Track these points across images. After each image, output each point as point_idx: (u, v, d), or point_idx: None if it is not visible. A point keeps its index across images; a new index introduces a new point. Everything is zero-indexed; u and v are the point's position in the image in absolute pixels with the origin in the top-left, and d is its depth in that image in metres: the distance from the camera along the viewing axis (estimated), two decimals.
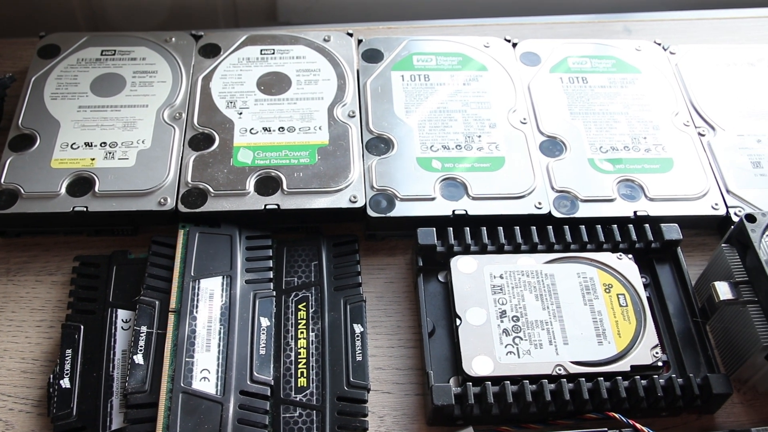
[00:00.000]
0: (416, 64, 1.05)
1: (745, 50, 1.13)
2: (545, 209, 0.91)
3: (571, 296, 0.84)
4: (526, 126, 0.99)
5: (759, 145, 1.00)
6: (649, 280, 0.90)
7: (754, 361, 0.81)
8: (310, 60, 1.05)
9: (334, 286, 0.87)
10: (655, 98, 1.04)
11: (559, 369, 0.80)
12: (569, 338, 0.81)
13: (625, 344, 0.82)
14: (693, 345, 0.85)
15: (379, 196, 0.91)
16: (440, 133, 0.97)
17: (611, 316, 0.83)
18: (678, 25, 1.24)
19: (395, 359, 0.85)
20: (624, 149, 0.98)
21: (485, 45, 1.09)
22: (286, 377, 0.81)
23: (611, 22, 1.23)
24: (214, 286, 0.85)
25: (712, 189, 0.95)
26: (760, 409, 0.84)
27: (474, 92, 1.02)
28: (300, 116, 0.98)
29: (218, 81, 1.01)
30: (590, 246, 0.89)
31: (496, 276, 0.85)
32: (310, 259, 0.90)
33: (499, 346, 0.80)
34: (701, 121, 1.03)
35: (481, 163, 0.95)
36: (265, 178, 0.92)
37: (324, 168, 0.93)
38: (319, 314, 0.85)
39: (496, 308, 0.83)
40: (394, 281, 0.91)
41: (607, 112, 1.02)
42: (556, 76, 1.06)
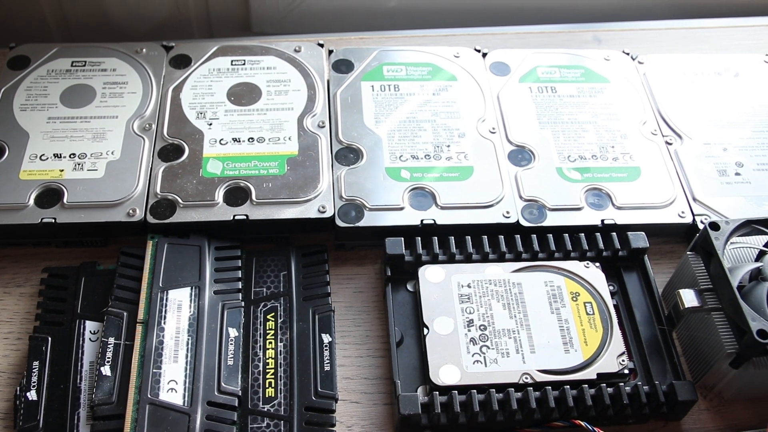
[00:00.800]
0: (386, 75, 1.05)
1: (712, 59, 1.14)
2: (513, 218, 0.92)
3: (538, 305, 0.85)
4: (495, 135, 1.00)
5: (725, 154, 1.01)
6: (616, 288, 0.90)
7: (719, 368, 0.82)
8: (280, 70, 1.05)
9: (302, 296, 0.88)
10: (624, 107, 1.05)
11: (525, 377, 0.80)
12: (536, 347, 0.82)
13: (591, 352, 0.82)
14: (660, 352, 0.85)
15: (348, 206, 0.91)
16: (409, 143, 0.98)
17: (578, 325, 0.84)
18: (648, 35, 1.25)
19: (364, 369, 0.85)
20: (592, 158, 0.98)
21: (455, 55, 1.09)
22: (254, 387, 0.81)
23: (582, 32, 1.24)
24: (183, 297, 0.85)
25: (678, 197, 0.96)
26: (726, 415, 0.85)
27: (443, 102, 1.03)
28: (270, 127, 0.98)
29: (188, 92, 1.02)
30: (558, 254, 0.90)
31: (463, 285, 0.86)
32: (279, 269, 0.90)
33: (467, 355, 0.81)
34: (668, 130, 1.04)
35: (450, 173, 0.95)
36: (234, 188, 0.92)
37: (293, 178, 0.93)
38: (288, 324, 0.85)
39: (463, 317, 0.83)
40: (364, 291, 0.91)
41: (575, 122, 1.03)
42: (526, 85, 1.07)
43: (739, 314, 0.77)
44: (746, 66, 1.13)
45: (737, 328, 0.79)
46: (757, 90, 1.10)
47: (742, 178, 0.99)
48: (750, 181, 0.98)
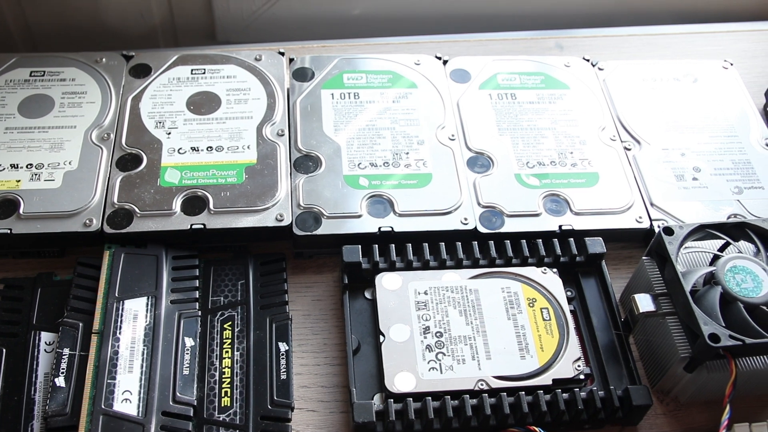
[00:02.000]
0: (346, 83, 1.06)
1: (672, 66, 1.14)
2: (471, 225, 0.92)
3: (494, 311, 0.85)
4: (454, 142, 1.00)
5: (683, 159, 1.02)
6: (574, 293, 0.90)
7: (674, 372, 0.82)
8: (240, 79, 1.05)
9: (260, 305, 0.87)
10: (583, 113, 1.06)
11: (481, 384, 0.80)
12: (492, 353, 0.82)
13: (547, 358, 0.82)
14: (616, 357, 0.86)
15: (306, 214, 0.91)
16: (368, 150, 0.98)
17: (534, 330, 0.84)
18: (610, 42, 1.26)
19: (321, 377, 0.85)
20: (551, 164, 0.99)
21: (416, 62, 1.09)
22: (209, 397, 0.81)
23: (544, 39, 1.25)
24: (139, 307, 0.84)
25: (636, 202, 0.96)
26: (682, 419, 0.85)
27: (403, 109, 1.03)
28: (229, 135, 0.98)
29: (148, 101, 1.01)
30: (515, 261, 0.90)
31: (420, 292, 0.86)
32: (237, 278, 0.90)
33: (422, 362, 0.81)
34: (627, 136, 1.04)
35: (408, 180, 0.95)
36: (192, 197, 0.92)
37: (251, 187, 0.93)
38: (245, 333, 0.85)
39: (419, 324, 0.83)
40: (322, 299, 0.91)
41: (534, 128, 1.03)
42: (486, 92, 1.07)
43: (692, 318, 0.78)
44: (705, 72, 1.14)
45: (690, 332, 0.79)
46: (715, 95, 1.11)
47: (699, 183, 0.99)
48: (707, 185, 0.99)
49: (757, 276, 0.82)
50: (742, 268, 0.82)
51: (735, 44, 1.27)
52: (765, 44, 1.28)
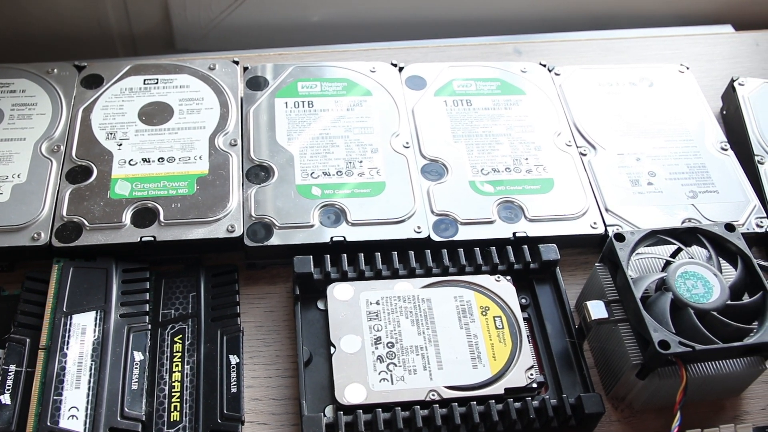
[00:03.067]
0: (300, 91, 1.05)
1: (628, 70, 1.14)
2: (424, 233, 0.91)
3: (447, 320, 0.85)
4: (408, 150, 1.00)
5: (638, 164, 1.01)
6: (529, 300, 0.90)
7: (627, 379, 0.82)
8: (193, 89, 1.04)
9: (211, 317, 0.87)
10: (539, 119, 1.05)
11: (432, 394, 0.79)
12: (444, 363, 0.81)
13: (500, 367, 0.82)
14: (570, 365, 0.85)
15: (257, 225, 0.90)
16: (321, 159, 0.97)
17: (487, 339, 0.83)
18: (568, 47, 1.26)
19: (272, 389, 0.85)
20: (505, 171, 0.98)
21: (371, 70, 1.09)
22: (159, 412, 0.80)
23: (502, 44, 1.25)
24: (87, 321, 0.83)
25: (591, 208, 0.96)
26: (637, 426, 0.85)
27: (357, 117, 1.02)
28: (180, 146, 0.97)
29: (99, 112, 1.00)
30: (469, 269, 0.89)
31: (372, 302, 0.85)
32: (188, 290, 0.89)
33: (373, 373, 0.80)
34: (583, 141, 1.04)
35: (362, 189, 0.94)
36: (142, 209, 0.91)
37: (202, 198, 0.92)
38: (195, 346, 0.84)
39: (371, 335, 0.83)
40: (275, 310, 0.90)
41: (490, 134, 1.03)
42: (441, 99, 1.06)
43: (642, 325, 0.78)
44: (661, 76, 1.14)
45: (642, 339, 0.79)
46: (671, 99, 1.11)
47: (654, 188, 0.99)
48: (662, 190, 0.99)
49: (708, 281, 0.82)
50: (693, 274, 0.82)
51: (692, 48, 1.28)
52: (722, 48, 1.29)
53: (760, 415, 0.87)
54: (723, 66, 1.25)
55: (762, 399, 0.88)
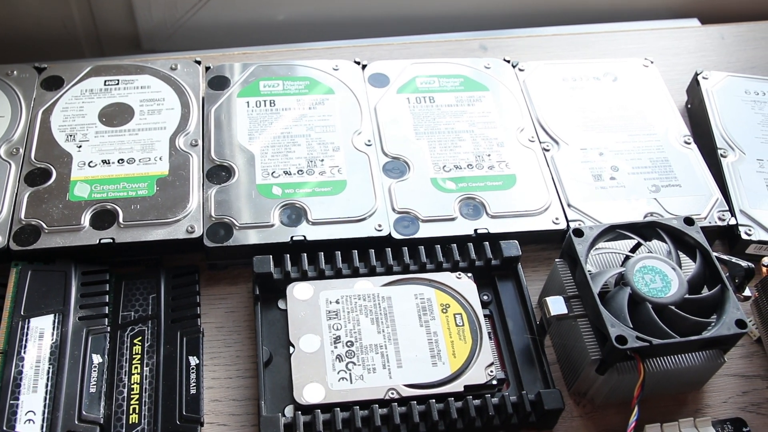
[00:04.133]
0: (262, 90, 1.04)
1: (592, 65, 1.14)
2: (385, 231, 0.91)
3: (407, 318, 0.84)
4: (370, 148, 0.99)
5: (601, 158, 1.01)
6: (491, 297, 0.90)
7: (588, 374, 0.82)
8: (154, 89, 1.03)
9: (171, 319, 0.86)
10: (502, 115, 1.05)
11: (392, 393, 0.79)
12: (403, 361, 0.81)
13: (459, 364, 0.82)
14: (531, 361, 0.85)
15: (217, 225, 0.90)
16: (282, 158, 0.97)
17: (447, 337, 0.83)
18: (534, 42, 1.26)
19: (233, 390, 0.84)
20: (467, 167, 0.98)
21: (334, 68, 1.08)
22: (117, 414, 0.79)
23: (468, 41, 1.24)
24: (45, 325, 0.83)
25: (553, 204, 0.96)
26: (599, 421, 0.85)
27: (319, 116, 1.02)
28: (141, 147, 0.96)
29: (59, 114, 1.00)
30: (430, 266, 0.89)
31: (332, 301, 0.85)
32: (148, 292, 0.88)
33: (332, 373, 0.80)
34: (546, 137, 1.04)
35: (323, 188, 0.94)
36: (101, 211, 0.90)
37: (162, 199, 0.91)
38: (155, 348, 0.84)
39: (330, 334, 0.82)
40: (236, 310, 0.90)
41: (452, 131, 1.02)
42: (404, 96, 1.06)
43: (600, 320, 0.78)
44: (625, 70, 1.14)
45: (600, 334, 0.79)
46: (635, 93, 1.11)
47: (617, 182, 0.99)
48: (625, 184, 0.99)
49: (666, 276, 0.82)
50: (652, 268, 0.82)
51: (658, 42, 1.28)
52: (688, 41, 1.29)
53: (722, 408, 0.87)
54: (688, 60, 1.25)
55: (723, 392, 0.88)
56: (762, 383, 0.90)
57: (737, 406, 0.88)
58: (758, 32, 1.32)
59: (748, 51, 1.28)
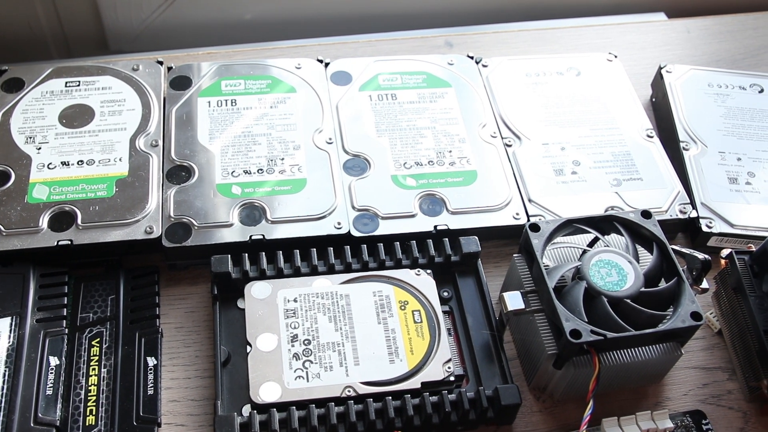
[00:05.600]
0: (224, 90, 1.04)
1: (555, 60, 1.14)
2: (345, 229, 0.91)
3: (365, 316, 0.84)
4: (331, 146, 0.99)
5: (562, 153, 1.01)
6: (451, 293, 0.90)
7: (546, 369, 0.82)
8: (116, 90, 1.03)
9: (130, 320, 0.86)
10: (464, 111, 1.05)
11: (348, 390, 0.79)
12: (360, 359, 0.81)
13: (417, 361, 0.82)
14: (491, 357, 0.85)
15: (176, 225, 0.90)
16: (243, 158, 0.96)
17: (405, 334, 0.83)
18: (500, 38, 1.26)
19: (191, 390, 0.84)
20: (428, 164, 0.98)
21: (296, 66, 1.08)
22: (74, 416, 0.79)
23: (433, 38, 1.24)
24: (2, 328, 0.83)
25: (514, 199, 0.96)
26: (558, 415, 0.85)
27: (281, 115, 1.02)
28: (101, 148, 0.96)
29: (19, 116, 0.99)
30: (389, 263, 0.89)
31: (290, 300, 0.85)
32: (107, 293, 0.88)
33: (289, 371, 0.80)
34: (508, 132, 1.04)
35: (282, 186, 0.94)
36: (60, 213, 0.90)
37: (121, 200, 0.91)
38: (113, 349, 0.83)
39: (287, 333, 0.82)
40: (196, 310, 0.90)
41: (414, 128, 1.02)
42: (366, 94, 1.06)
43: (555, 315, 0.78)
44: (589, 65, 1.14)
45: (556, 328, 0.79)
46: (598, 88, 1.11)
47: (578, 177, 0.99)
48: (586, 179, 0.99)
49: (622, 269, 0.82)
50: (608, 262, 0.82)
51: (624, 36, 1.28)
52: (653, 35, 1.29)
53: (682, 400, 0.87)
54: (654, 54, 1.25)
55: (684, 385, 0.89)
56: (722, 375, 0.90)
57: (697, 399, 0.88)
58: (724, 26, 1.32)
59: (714, 44, 1.29)
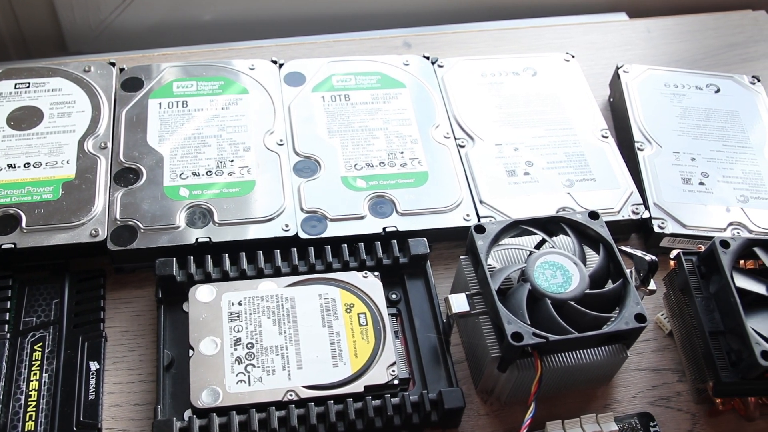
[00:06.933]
0: (175, 91, 1.03)
1: (512, 60, 1.14)
2: (293, 231, 0.90)
3: (310, 319, 0.84)
4: (282, 148, 0.98)
5: (516, 154, 1.01)
6: (400, 296, 0.89)
7: (491, 372, 0.81)
8: (66, 92, 1.02)
9: (73, 324, 0.85)
10: (417, 112, 1.05)
11: (290, 395, 0.78)
12: (304, 362, 0.80)
13: (361, 364, 0.81)
14: (437, 360, 0.84)
15: (121, 228, 0.89)
16: (192, 160, 0.96)
17: (350, 337, 0.82)
18: (459, 38, 1.25)
19: (134, 395, 0.83)
20: (379, 165, 0.98)
21: (250, 67, 1.08)
22: (13, 422, 0.78)
23: (391, 38, 1.24)
24: None
25: (465, 200, 0.95)
26: (505, 419, 0.85)
27: (232, 116, 1.01)
28: (48, 151, 0.95)
29: None
30: (337, 266, 0.88)
31: (234, 303, 0.84)
32: (51, 297, 0.87)
33: (231, 375, 0.79)
34: (461, 133, 1.03)
35: (230, 188, 0.93)
36: (4, 217, 0.89)
37: (67, 203, 0.90)
38: (55, 354, 0.83)
39: (231, 336, 0.82)
40: (141, 314, 0.89)
41: (366, 129, 1.02)
42: (319, 95, 1.05)
43: (498, 317, 0.77)
44: (546, 65, 1.14)
45: (500, 331, 0.78)
46: (554, 88, 1.10)
47: (530, 178, 0.99)
48: (539, 180, 0.99)
49: (567, 271, 0.81)
50: (553, 264, 0.82)
51: (584, 36, 1.28)
52: (614, 35, 1.29)
53: (631, 403, 0.87)
54: (614, 54, 1.25)
55: (633, 387, 0.88)
56: (672, 377, 0.89)
57: (646, 401, 0.87)
58: (684, 26, 1.32)
59: (674, 44, 1.28)
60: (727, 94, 1.13)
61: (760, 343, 0.78)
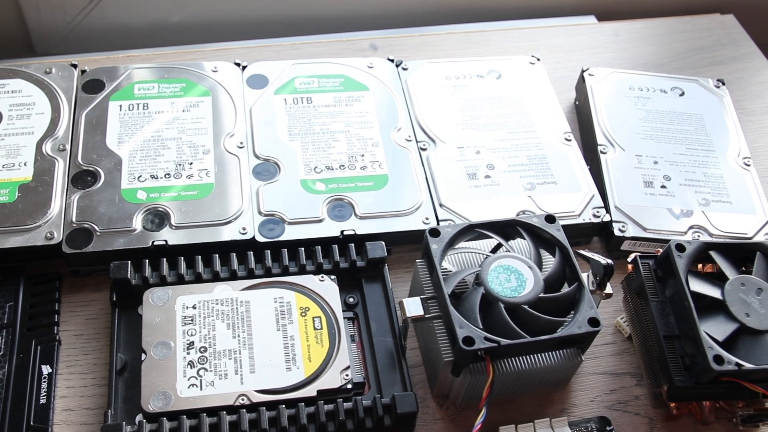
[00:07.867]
0: (137, 93, 1.03)
1: (476, 63, 1.14)
2: (250, 234, 0.90)
3: (264, 323, 0.83)
4: (242, 150, 0.98)
5: (477, 157, 1.01)
6: (357, 299, 0.89)
7: (445, 376, 0.81)
8: (25, 93, 1.01)
9: (27, 327, 0.84)
10: (380, 115, 1.04)
11: (242, 399, 0.78)
12: (257, 366, 0.80)
13: (314, 369, 0.81)
14: (393, 364, 0.84)
15: (77, 231, 0.88)
16: (151, 162, 0.95)
17: (304, 341, 0.82)
18: (426, 40, 1.25)
19: (87, 399, 0.83)
20: (339, 168, 0.97)
21: (213, 69, 1.07)
22: None
23: (358, 40, 1.23)
24: None
25: (424, 203, 0.95)
26: (461, 423, 0.84)
27: (193, 119, 1.01)
28: (6, 153, 0.95)
29: None
30: (293, 269, 0.88)
31: (188, 307, 0.83)
32: (5, 300, 0.87)
33: (182, 380, 0.78)
34: (423, 136, 1.03)
35: (188, 191, 0.93)
36: None
37: (23, 205, 0.90)
38: (7, 358, 0.82)
39: (184, 340, 0.81)
40: (97, 317, 0.88)
41: (327, 132, 1.01)
42: (281, 97, 1.05)
43: (450, 321, 0.77)
44: (511, 68, 1.14)
45: (452, 335, 0.78)
46: (519, 91, 1.10)
47: (491, 181, 0.98)
48: (500, 183, 0.98)
49: (522, 275, 0.81)
50: (507, 267, 0.82)
51: (551, 39, 1.27)
52: (581, 38, 1.29)
53: (588, 407, 0.87)
54: (581, 57, 1.25)
55: (591, 391, 0.88)
56: (630, 381, 0.89)
57: (604, 405, 0.87)
58: (652, 29, 1.32)
59: (641, 48, 1.28)
60: (691, 97, 1.13)
61: (713, 348, 0.78)
